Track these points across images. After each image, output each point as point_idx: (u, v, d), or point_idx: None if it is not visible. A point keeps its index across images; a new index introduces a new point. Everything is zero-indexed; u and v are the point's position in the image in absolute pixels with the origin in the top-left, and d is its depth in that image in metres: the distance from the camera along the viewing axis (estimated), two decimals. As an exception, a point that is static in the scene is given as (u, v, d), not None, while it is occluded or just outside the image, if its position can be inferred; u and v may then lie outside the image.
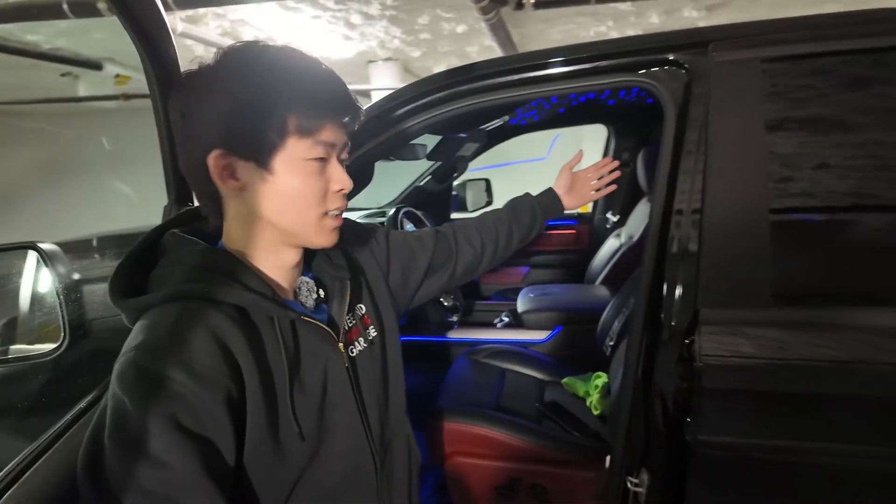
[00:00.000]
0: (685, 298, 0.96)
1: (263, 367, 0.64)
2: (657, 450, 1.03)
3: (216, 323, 0.61)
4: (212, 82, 0.62)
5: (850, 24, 0.93)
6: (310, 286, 0.76)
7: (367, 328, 0.82)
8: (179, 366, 0.56)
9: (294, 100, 0.61)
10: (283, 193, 0.64)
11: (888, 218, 0.89)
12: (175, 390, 0.56)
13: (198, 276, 0.63)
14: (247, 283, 0.65)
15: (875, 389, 0.88)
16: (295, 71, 0.63)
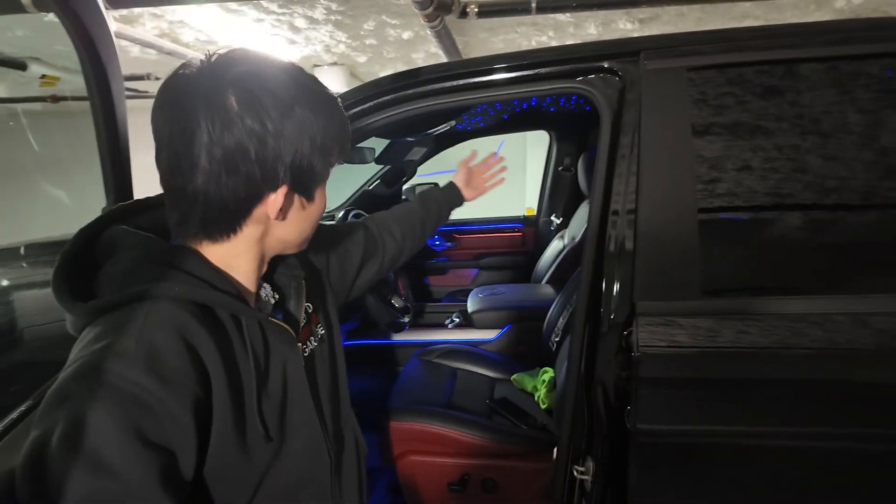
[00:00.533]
0: (622, 293, 1.00)
1: (231, 369, 0.62)
2: (600, 439, 1.07)
3: (184, 323, 0.58)
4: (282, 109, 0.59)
5: (766, 36, 1.00)
6: (268, 291, 0.76)
7: (317, 326, 0.82)
8: (146, 370, 0.53)
9: (340, 135, 0.65)
10: (313, 216, 0.69)
11: (803, 216, 0.96)
12: (141, 398, 0.53)
13: (162, 275, 0.60)
14: (214, 283, 0.63)
15: (795, 372, 0.95)
16: (334, 101, 0.66)
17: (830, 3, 2.93)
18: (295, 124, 0.60)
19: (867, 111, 0.95)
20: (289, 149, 0.60)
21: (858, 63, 0.95)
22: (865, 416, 0.93)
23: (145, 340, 0.55)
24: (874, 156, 0.94)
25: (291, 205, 0.65)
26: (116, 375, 0.52)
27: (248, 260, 0.68)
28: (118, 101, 0.74)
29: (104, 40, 0.75)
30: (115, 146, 0.77)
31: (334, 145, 0.65)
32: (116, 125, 0.76)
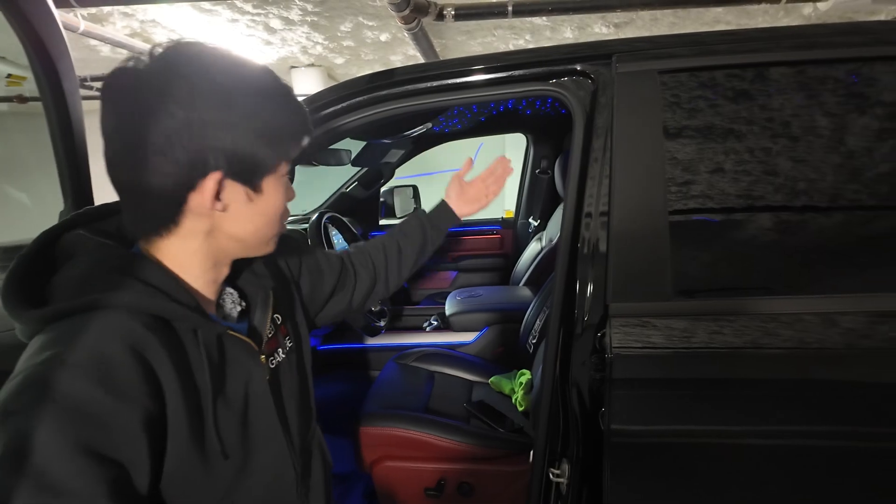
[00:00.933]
0: (596, 295, 1.00)
1: (186, 382, 0.60)
2: (575, 441, 1.06)
3: (136, 335, 0.56)
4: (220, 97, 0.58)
5: (735, 41, 1.01)
6: (234, 298, 0.74)
7: (285, 338, 0.80)
8: (96, 381, 0.52)
9: (296, 126, 0.64)
10: (264, 211, 0.65)
11: (774, 217, 0.97)
12: (90, 410, 0.51)
13: (117, 283, 0.58)
14: (171, 293, 0.61)
15: (766, 372, 0.96)
16: (288, 94, 0.64)
17: (798, 10, 3.00)
18: (231, 110, 0.58)
19: (834, 115, 0.96)
20: (221, 134, 0.58)
21: (825, 67, 0.96)
22: (836, 415, 0.94)
23: (95, 351, 0.53)
24: (842, 158, 0.95)
25: (232, 195, 0.62)
26: (63, 387, 0.50)
27: (201, 259, 0.66)
28: (72, 100, 0.72)
29: (53, 37, 0.72)
30: (71, 147, 0.74)
31: (284, 137, 0.63)
32: (71, 125, 0.73)
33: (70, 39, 3.04)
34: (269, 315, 0.76)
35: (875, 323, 0.93)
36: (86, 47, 3.55)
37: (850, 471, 0.95)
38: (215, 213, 0.62)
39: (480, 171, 1.21)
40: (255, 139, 0.60)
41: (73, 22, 2.86)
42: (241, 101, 0.59)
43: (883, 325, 0.93)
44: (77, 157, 0.77)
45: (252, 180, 0.63)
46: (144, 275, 0.60)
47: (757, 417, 0.96)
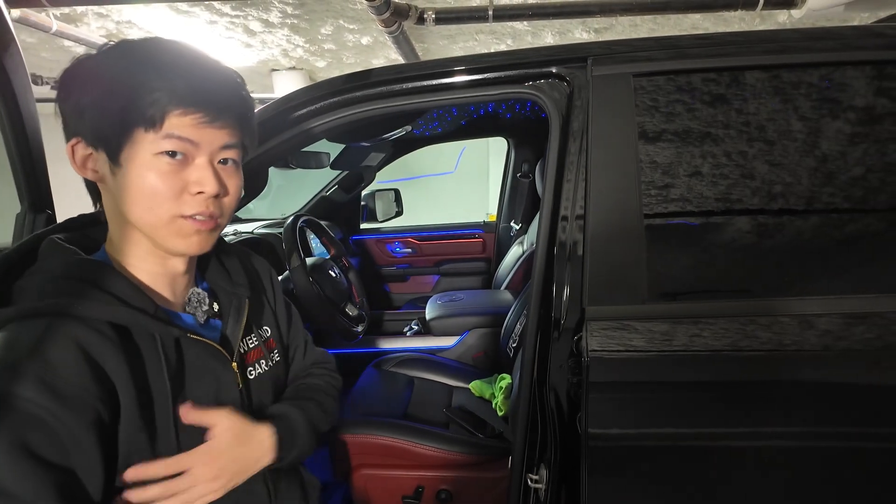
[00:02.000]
0: (573, 298, 1.00)
1: (142, 386, 0.59)
2: (553, 445, 1.05)
3: (86, 339, 0.56)
4: (79, 72, 0.60)
5: (710, 44, 1.01)
6: (201, 297, 0.72)
7: (272, 351, 0.79)
8: (38, 385, 0.51)
9: (139, 88, 0.57)
10: (129, 189, 0.60)
11: (749, 220, 0.97)
12: (31, 413, 0.50)
13: (66, 289, 0.58)
14: (123, 297, 0.60)
15: (743, 374, 0.96)
16: (151, 60, 0.59)
17: (774, 17, 3.06)
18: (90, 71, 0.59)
19: (809, 118, 0.97)
20: (77, 96, 0.59)
21: (799, 71, 0.97)
22: (815, 416, 0.95)
23: (39, 355, 0.53)
24: (817, 162, 0.96)
25: (98, 164, 0.62)
26: (6, 394, 0.50)
27: (137, 249, 0.65)
28: (23, 97, 0.68)
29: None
30: (24, 145, 0.71)
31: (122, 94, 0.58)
32: (23, 123, 0.70)
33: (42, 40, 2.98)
34: (243, 323, 0.74)
35: (851, 324, 0.94)
36: (59, 48, 3.48)
37: (832, 473, 0.95)
38: (104, 187, 0.63)
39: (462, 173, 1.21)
40: (103, 101, 0.58)
41: (45, 22, 2.80)
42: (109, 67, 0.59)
43: (859, 326, 0.93)
44: (32, 157, 0.73)
45: (108, 148, 0.60)
46: (101, 281, 0.60)
47: (736, 420, 0.96)
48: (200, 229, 0.63)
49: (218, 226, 0.66)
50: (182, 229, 0.62)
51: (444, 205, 5.39)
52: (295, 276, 1.48)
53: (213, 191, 0.62)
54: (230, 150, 0.65)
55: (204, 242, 0.65)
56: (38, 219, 0.80)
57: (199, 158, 0.62)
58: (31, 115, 0.71)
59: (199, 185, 0.61)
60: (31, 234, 0.80)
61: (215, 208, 0.64)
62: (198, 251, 0.65)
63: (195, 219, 0.63)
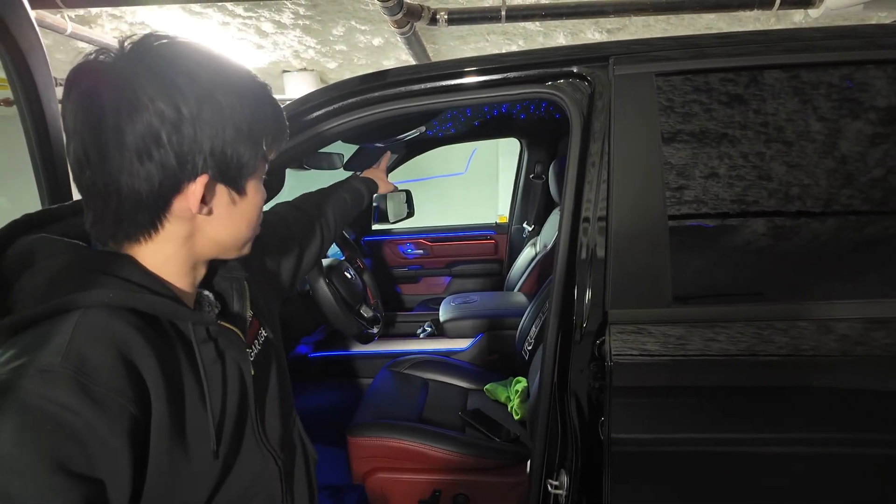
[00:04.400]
0: (594, 301, 0.99)
1: (175, 385, 0.57)
2: (574, 451, 1.04)
3: (121, 335, 0.52)
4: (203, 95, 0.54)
5: (731, 43, 1.00)
6: (210, 300, 0.70)
7: (259, 330, 0.77)
8: (76, 391, 0.47)
9: (271, 125, 0.62)
10: (245, 213, 0.63)
11: (772, 222, 0.96)
12: (65, 422, 0.46)
13: (94, 281, 0.54)
14: (153, 287, 0.57)
15: (764, 379, 0.95)
16: (266, 93, 0.63)
17: (790, 17, 3.02)
18: (216, 109, 0.55)
19: (831, 119, 0.95)
20: (208, 134, 0.55)
21: (820, 71, 0.96)
22: (833, 421, 0.93)
23: (74, 355, 0.49)
24: (838, 163, 0.94)
25: (218, 198, 0.60)
26: (37, 396, 0.46)
27: (177, 264, 0.61)
28: (45, 97, 0.68)
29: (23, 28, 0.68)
30: (46, 144, 0.71)
31: (265, 134, 0.61)
32: (46, 123, 0.70)
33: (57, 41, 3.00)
34: (247, 306, 0.73)
35: (871, 329, 0.92)
36: (74, 49, 3.50)
37: (851, 477, 0.94)
38: (198, 217, 0.59)
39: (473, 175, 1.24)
40: (239, 139, 0.58)
41: (60, 24, 2.82)
42: (223, 100, 0.56)
43: (879, 331, 0.92)
44: (53, 155, 0.73)
45: (237, 182, 0.60)
46: (122, 271, 0.56)
47: (758, 425, 0.95)
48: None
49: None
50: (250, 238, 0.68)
51: (453, 206, 5.37)
52: (311, 277, 1.47)
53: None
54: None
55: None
56: (60, 220, 0.80)
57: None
58: (54, 116, 0.71)
59: (264, 195, 0.68)
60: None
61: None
62: (247, 252, 0.70)
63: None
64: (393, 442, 1.32)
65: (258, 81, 0.62)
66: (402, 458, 1.31)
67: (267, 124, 0.62)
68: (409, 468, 1.31)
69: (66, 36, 2.91)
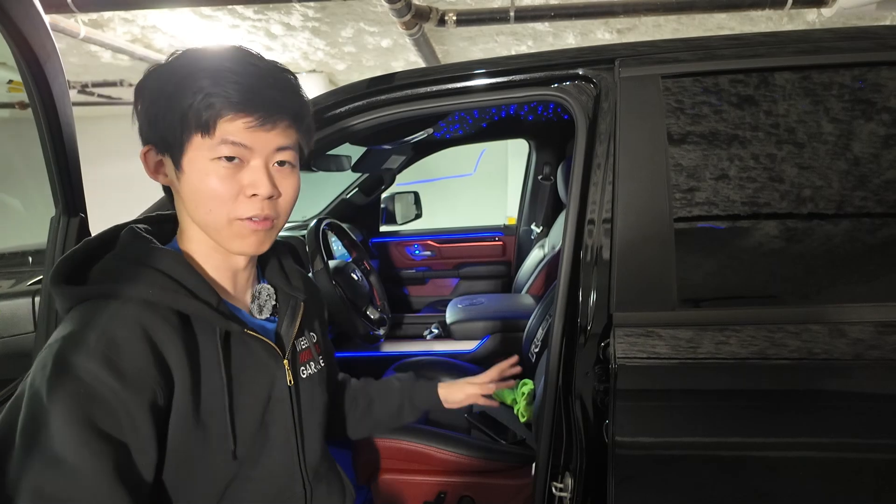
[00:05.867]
0: (599, 304, 0.99)
1: (198, 377, 0.62)
2: (579, 453, 1.04)
3: (152, 325, 0.59)
4: (148, 82, 0.63)
5: (739, 45, 0.99)
6: (269, 293, 0.76)
7: (319, 356, 0.82)
8: (104, 363, 0.54)
9: (195, 95, 0.59)
10: (191, 193, 0.63)
11: (779, 224, 0.95)
12: (96, 389, 0.54)
13: (141, 276, 0.62)
14: (192, 288, 0.63)
15: (771, 383, 0.94)
16: (207, 67, 0.61)
17: (802, 16, 2.99)
18: (154, 81, 0.62)
19: (841, 120, 0.94)
20: (146, 105, 0.62)
21: (831, 72, 0.95)
22: (845, 427, 0.92)
23: (107, 334, 0.56)
24: (849, 165, 0.94)
25: (168, 169, 0.65)
26: (74, 366, 0.54)
27: (206, 246, 0.68)
28: (61, 102, 0.70)
29: (40, 37, 0.70)
30: (61, 150, 0.73)
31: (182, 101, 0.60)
32: (60, 128, 0.71)
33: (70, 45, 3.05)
34: (297, 324, 0.76)
35: (884, 333, 0.91)
36: (86, 53, 3.56)
37: (863, 484, 0.93)
38: (177, 191, 0.66)
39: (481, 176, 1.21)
40: (168, 111, 0.61)
41: (74, 28, 2.86)
42: (162, 72, 0.62)
43: (894, 335, 0.91)
44: (68, 161, 0.75)
45: (172, 154, 0.63)
46: (168, 268, 0.63)
47: (766, 429, 0.94)
48: (257, 229, 0.65)
49: (274, 226, 0.68)
50: (240, 231, 0.64)
51: (462, 208, 5.38)
52: (318, 278, 1.48)
53: (267, 193, 0.63)
54: (285, 153, 0.66)
55: (260, 243, 0.67)
56: (72, 222, 0.82)
57: (253, 161, 0.63)
58: (68, 120, 0.73)
59: (254, 187, 0.63)
60: (63, 236, 0.82)
61: (270, 210, 0.65)
62: (255, 251, 0.67)
63: (252, 220, 0.64)
64: (398, 443, 1.32)
65: (219, 52, 0.62)
66: (407, 460, 1.31)
67: (192, 92, 0.59)
68: (414, 470, 1.31)
69: (79, 40, 2.95)
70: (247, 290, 0.75)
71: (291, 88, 0.66)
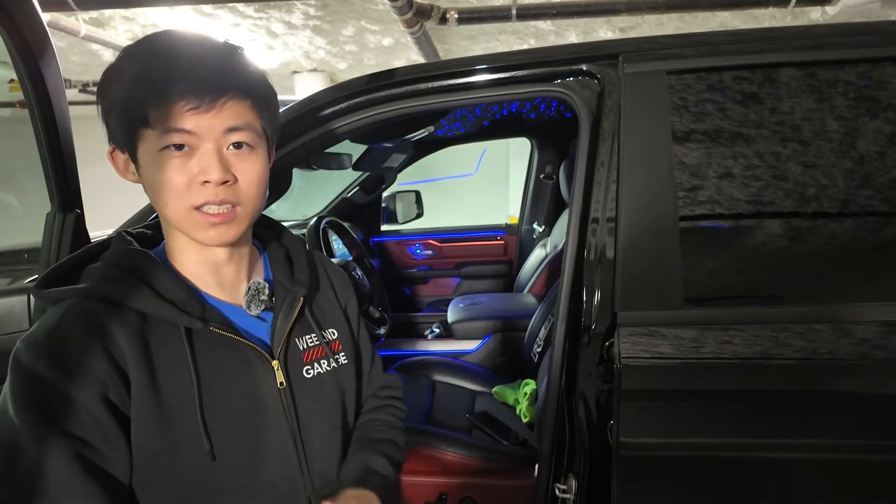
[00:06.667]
0: (603, 303, 0.98)
1: (162, 376, 0.61)
2: (582, 455, 1.03)
3: (105, 321, 0.59)
4: (103, 80, 0.61)
5: (744, 41, 0.98)
6: (260, 287, 0.70)
7: (337, 353, 0.77)
8: (49, 359, 0.56)
9: (135, 87, 0.57)
10: (150, 187, 0.62)
11: (785, 223, 0.94)
12: (46, 385, 0.55)
13: (109, 276, 0.62)
14: (158, 287, 0.62)
15: (778, 383, 0.93)
16: (145, 56, 0.59)
17: (806, 14, 2.97)
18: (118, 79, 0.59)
19: (847, 118, 0.93)
20: (106, 104, 0.61)
21: (836, 69, 0.94)
22: (849, 427, 0.91)
23: (56, 331, 0.58)
24: (855, 163, 0.93)
25: (133, 169, 0.64)
26: (24, 364, 0.56)
27: (182, 247, 0.67)
28: (57, 100, 0.69)
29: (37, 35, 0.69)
30: (57, 148, 0.72)
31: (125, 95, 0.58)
32: (56, 126, 0.70)
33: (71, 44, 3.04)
34: (291, 321, 0.71)
35: (890, 333, 0.90)
36: (87, 52, 3.55)
37: (869, 485, 0.92)
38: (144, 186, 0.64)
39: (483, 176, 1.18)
40: (117, 106, 0.59)
41: (75, 26, 2.85)
42: (118, 70, 0.60)
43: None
44: (63, 157, 0.74)
45: (128, 150, 0.62)
46: (137, 268, 0.63)
47: (771, 430, 0.93)
48: (216, 223, 0.61)
49: (238, 216, 0.63)
50: (199, 222, 0.61)
51: (464, 207, 5.36)
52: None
53: (218, 178, 0.59)
54: (239, 133, 0.61)
55: (224, 234, 0.63)
56: (68, 218, 0.81)
57: (203, 146, 0.60)
58: (64, 117, 0.72)
59: (204, 173, 0.59)
60: (59, 233, 0.81)
61: (227, 195, 0.61)
62: (220, 242, 0.64)
63: (209, 212, 0.61)
64: (399, 444, 1.31)
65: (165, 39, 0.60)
66: (409, 461, 1.30)
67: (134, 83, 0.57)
68: (414, 470, 1.30)
69: (80, 38, 2.94)
70: (240, 285, 0.71)
71: (230, 65, 0.61)
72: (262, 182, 0.65)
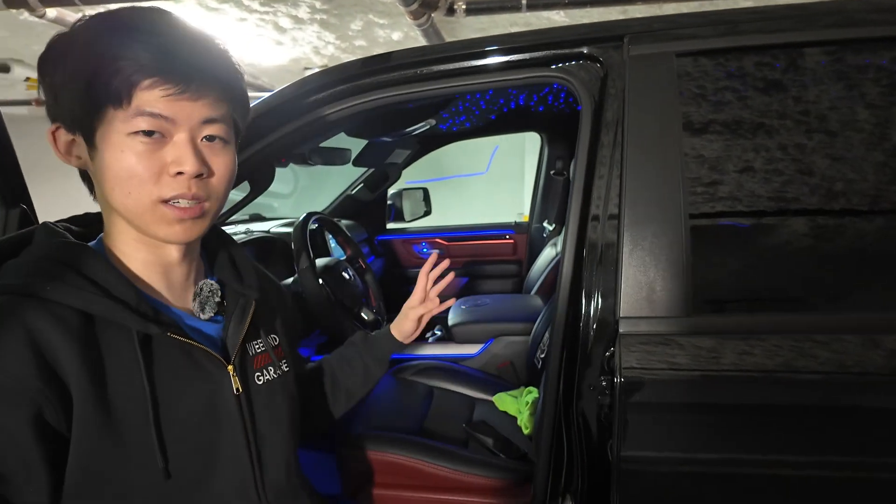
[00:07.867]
0: (605, 309, 0.91)
1: (105, 384, 0.55)
2: (581, 474, 0.97)
3: (41, 326, 0.52)
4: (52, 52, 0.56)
5: (765, 18, 0.91)
6: (213, 289, 0.68)
7: (281, 360, 0.74)
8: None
9: (104, 61, 0.52)
10: (107, 173, 0.56)
11: (805, 222, 0.86)
12: None
13: (40, 271, 0.55)
14: (104, 284, 0.56)
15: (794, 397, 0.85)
16: (119, 30, 0.54)
17: None
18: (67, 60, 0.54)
19: (879, 105, 0.84)
20: (55, 83, 0.56)
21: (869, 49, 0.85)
22: (876, 446, 0.83)
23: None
24: (887, 156, 0.84)
25: (79, 148, 0.59)
26: None
27: (131, 245, 0.61)
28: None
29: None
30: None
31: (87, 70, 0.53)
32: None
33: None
34: (246, 325, 0.68)
35: None
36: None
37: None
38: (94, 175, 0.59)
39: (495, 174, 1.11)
40: (75, 81, 0.54)
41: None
42: (78, 42, 0.54)
43: None
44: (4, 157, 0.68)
45: (83, 131, 0.56)
46: (81, 265, 0.57)
47: (788, 448, 0.85)
48: (183, 218, 0.58)
49: (205, 212, 0.61)
50: (164, 216, 0.58)
51: (475, 207, 5.27)
52: (303, 277, 1.39)
53: (194, 170, 0.57)
54: (214, 126, 0.59)
55: (190, 230, 0.60)
56: (11, 214, 0.76)
57: (177, 135, 0.56)
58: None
59: (178, 164, 0.56)
60: (2, 229, 0.75)
61: (200, 190, 0.58)
62: (184, 239, 0.61)
63: (178, 206, 0.58)
64: (387, 456, 1.23)
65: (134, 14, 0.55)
66: (396, 474, 1.22)
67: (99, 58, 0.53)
68: (403, 485, 1.22)
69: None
70: (188, 289, 0.68)
71: (219, 54, 0.59)
72: (232, 179, 0.63)
